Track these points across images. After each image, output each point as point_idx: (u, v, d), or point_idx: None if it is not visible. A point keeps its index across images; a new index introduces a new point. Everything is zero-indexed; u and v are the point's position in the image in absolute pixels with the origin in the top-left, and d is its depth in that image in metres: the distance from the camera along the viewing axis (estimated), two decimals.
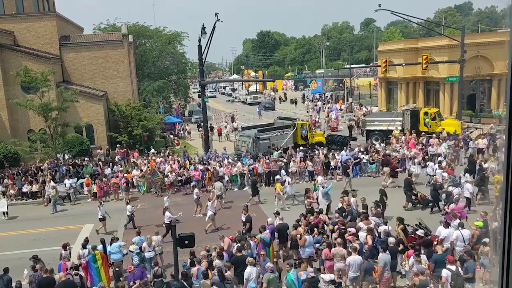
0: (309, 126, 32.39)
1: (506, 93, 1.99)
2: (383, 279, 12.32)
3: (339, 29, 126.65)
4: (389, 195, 19.15)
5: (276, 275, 12.23)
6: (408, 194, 20.22)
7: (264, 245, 14.40)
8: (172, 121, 43.97)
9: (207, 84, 44.91)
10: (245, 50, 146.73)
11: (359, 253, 12.90)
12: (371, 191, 21.17)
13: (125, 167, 28.38)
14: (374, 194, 19.47)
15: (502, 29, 49.34)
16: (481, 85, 41.88)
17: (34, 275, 12.93)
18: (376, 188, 20.22)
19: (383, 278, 12.31)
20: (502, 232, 2.07)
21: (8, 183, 25.66)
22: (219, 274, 12.08)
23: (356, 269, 12.58)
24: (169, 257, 14.07)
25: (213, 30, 30.74)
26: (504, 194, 2.05)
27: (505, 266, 2.07)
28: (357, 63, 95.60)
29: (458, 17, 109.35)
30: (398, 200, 20.15)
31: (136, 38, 45.22)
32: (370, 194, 19.42)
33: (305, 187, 20.54)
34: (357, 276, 12.62)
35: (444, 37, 42.26)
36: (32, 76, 26.53)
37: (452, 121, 33.53)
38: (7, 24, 33.63)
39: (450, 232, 14.10)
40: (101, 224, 19.63)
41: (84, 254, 14.37)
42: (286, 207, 20.85)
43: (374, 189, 21.65)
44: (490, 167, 21.23)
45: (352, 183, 24.02)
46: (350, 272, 12.69)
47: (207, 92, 43.15)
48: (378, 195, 18.68)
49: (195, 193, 21.36)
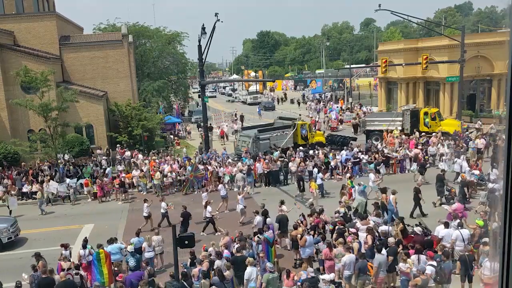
0: (309, 126, 32.40)
1: (506, 93, 1.99)
2: (378, 280, 12.36)
3: (339, 29, 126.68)
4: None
5: (276, 275, 12.24)
6: (440, 190, 20.09)
7: (267, 244, 14.41)
8: (172, 121, 43.98)
9: (207, 84, 44.89)
10: (245, 50, 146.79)
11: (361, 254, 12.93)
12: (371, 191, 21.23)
13: (126, 167, 28.40)
14: (374, 194, 19.52)
15: (502, 29, 49.34)
16: (481, 85, 41.89)
17: (34, 275, 12.93)
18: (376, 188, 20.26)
19: (378, 279, 12.35)
20: (502, 232, 2.07)
21: (8, 183, 25.65)
22: (219, 274, 12.08)
23: (351, 267, 12.64)
24: (169, 257, 14.07)
25: (213, 30, 30.75)
26: (504, 194, 2.05)
27: (505, 266, 2.07)
28: (357, 63, 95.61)
29: (458, 17, 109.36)
30: (427, 197, 19.70)
31: (136, 38, 45.24)
32: (369, 194, 19.46)
33: (342, 183, 20.37)
34: (351, 274, 12.68)
35: (444, 37, 42.27)
36: (32, 76, 26.53)
37: (452, 121, 33.53)
38: (7, 24, 33.64)
39: (449, 232, 14.10)
40: (145, 222, 19.32)
41: (85, 254, 14.36)
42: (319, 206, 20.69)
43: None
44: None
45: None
46: (345, 271, 12.74)
47: (207, 92, 43.13)
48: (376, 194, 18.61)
49: (223, 189, 21.57)
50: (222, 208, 21.36)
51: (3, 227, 18.68)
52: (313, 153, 27.42)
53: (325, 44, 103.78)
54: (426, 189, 20.46)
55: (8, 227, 18.81)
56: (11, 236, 18.80)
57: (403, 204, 19.96)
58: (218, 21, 30.44)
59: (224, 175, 25.46)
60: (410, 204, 20.47)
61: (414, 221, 15.85)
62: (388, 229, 14.54)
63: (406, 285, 12.06)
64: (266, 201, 22.27)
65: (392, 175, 25.72)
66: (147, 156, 30.18)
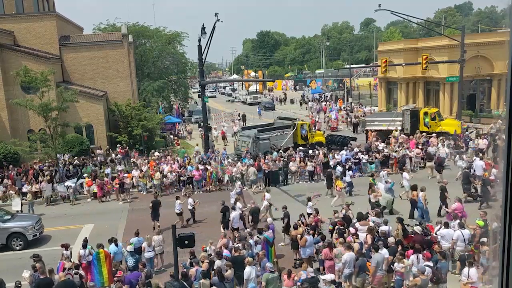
0: (309, 126, 32.39)
1: (506, 93, 1.99)
2: (376, 278, 12.39)
3: (339, 29, 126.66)
4: (433, 191, 18.81)
5: (275, 275, 12.23)
6: (465, 187, 20.04)
7: (267, 244, 14.41)
8: (172, 121, 43.97)
9: (207, 84, 44.87)
10: (245, 50, 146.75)
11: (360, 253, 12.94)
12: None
13: (125, 167, 28.39)
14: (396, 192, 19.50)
15: (502, 29, 49.35)
16: (481, 85, 41.90)
17: (35, 275, 12.93)
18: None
19: (376, 278, 12.38)
20: (502, 232, 2.07)
21: (8, 183, 25.64)
22: (219, 274, 12.08)
23: (352, 266, 12.67)
24: (169, 257, 14.07)
25: (213, 30, 30.74)
26: (504, 194, 2.05)
27: (505, 266, 2.07)
28: (357, 63, 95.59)
29: (458, 17, 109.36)
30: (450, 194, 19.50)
31: (136, 38, 45.21)
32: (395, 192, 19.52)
33: (369, 182, 20.50)
34: (352, 273, 12.71)
35: (444, 37, 42.27)
36: (32, 76, 26.51)
37: (452, 121, 33.52)
38: (7, 24, 33.64)
39: (450, 232, 14.10)
40: (178, 219, 19.27)
41: (85, 254, 14.37)
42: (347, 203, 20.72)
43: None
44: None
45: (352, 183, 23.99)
46: (345, 269, 12.76)
47: (207, 92, 43.09)
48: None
49: (238, 186, 21.77)
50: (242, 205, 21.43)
51: (28, 225, 18.82)
52: (313, 153, 27.41)
53: (325, 44, 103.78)
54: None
55: (33, 224, 18.96)
56: (36, 233, 18.95)
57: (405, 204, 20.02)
58: (218, 21, 30.44)
59: (224, 175, 25.45)
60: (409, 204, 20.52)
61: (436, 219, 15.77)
62: (388, 229, 14.55)
63: (400, 285, 12.10)
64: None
65: (392, 175, 25.67)
66: (147, 156, 30.19)
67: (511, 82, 1.96)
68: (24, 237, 18.53)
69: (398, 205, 19.58)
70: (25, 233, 18.55)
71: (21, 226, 18.67)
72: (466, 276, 11.58)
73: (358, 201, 20.02)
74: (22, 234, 18.55)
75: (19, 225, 18.72)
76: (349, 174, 23.09)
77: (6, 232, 18.49)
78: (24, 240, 18.53)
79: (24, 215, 20.82)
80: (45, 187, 24.70)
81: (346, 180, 22.47)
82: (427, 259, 12.16)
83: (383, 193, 19.03)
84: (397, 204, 19.64)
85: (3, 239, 18.45)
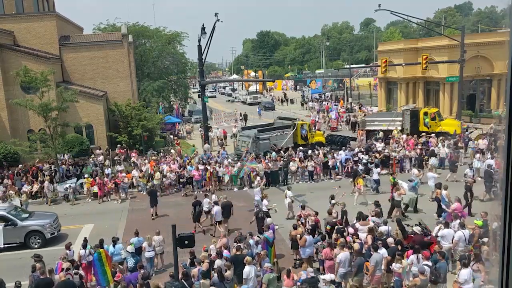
0: (309, 126, 32.40)
1: (506, 93, 1.99)
2: (375, 278, 12.41)
3: (339, 29, 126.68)
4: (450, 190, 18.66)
5: (275, 276, 12.23)
6: (487, 185, 19.99)
7: (267, 244, 14.41)
8: (172, 121, 43.97)
9: (207, 84, 44.91)
10: (245, 50, 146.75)
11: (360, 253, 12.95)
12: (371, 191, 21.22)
13: (125, 167, 28.38)
14: (374, 194, 19.52)
15: (502, 29, 49.34)
16: (481, 85, 41.89)
17: (34, 275, 12.93)
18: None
19: (374, 277, 12.40)
20: (502, 232, 2.07)
21: (8, 183, 25.64)
22: (219, 274, 12.08)
23: (346, 265, 12.72)
24: (169, 257, 14.07)
25: (213, 30, 30.76)
26: (504, 194, 2.05)
27: (505, 266, 2.07)
28: (357, 63, 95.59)
29: (458, 17, 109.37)
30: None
31: (136, 38, 45.21)
32: (370, 194, 19.48)
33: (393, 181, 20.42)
34: (347, 272, 12.75)
35: (444, 37, 42.27)
36: (32, 76, 26.50)
37: (452, 121, 33.53)
38: (7, 24, 33.62)
39: (450, 232, 14.10)
40: (205, 217, 19.25)
41: (85, 254, 14.38)
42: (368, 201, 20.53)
43: None
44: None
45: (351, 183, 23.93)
46: (340, 268, 12.79)
47: (207, 92, 43.13)
48: (376, 194, 18.61)
49: (258, 182, 22.33)
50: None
51: (47, 223, 18.90)
52: (312, 153, 27.41)
53: (325, 44, 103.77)
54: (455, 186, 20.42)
55: (51, 222, 19.04)
56: (53, 231, 19.04)
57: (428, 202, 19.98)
58: (218, 21, 30.46)
59: (224, 175, 25.46)
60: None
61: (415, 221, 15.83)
62: (388, 229, 14.55)
63: (399, 285, 12.10)
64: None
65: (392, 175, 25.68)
66: (146, 156, 30.17)
67: (511, 82, 1.96)
68: (42, 235, 18.62)
69: (422, 203, 19.49)
70: (43, 231, 18.64)
71: (40, 224, 18.77)
72: (458, 276, 11.56)
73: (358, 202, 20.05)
74: (40, 233, 18.64)
75: (38, 223, 18.82)
76: (376, 171, 22.90)
77: (25, 231, 18.56)
78: (42, 238, 18.59)
79: (42, 213, 20.93)
80: (49, 187, 24.69)
81: (374, 178, 22.41)
82: (426, 259, 12.17)
83: (407, 191, 19.09)
84: (421, 202, 19.57)
85: (21, 238, 18.51)
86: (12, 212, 19.16)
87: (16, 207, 20.79)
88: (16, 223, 18.53)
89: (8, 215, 18.74)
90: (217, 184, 25.56)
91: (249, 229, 16.13)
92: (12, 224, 18.46)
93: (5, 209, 19.39)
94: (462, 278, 11.31)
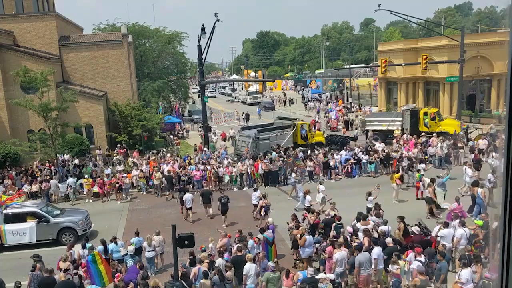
0: (309, 126, 32.40)
1: (506, 93, 1.99)
2: (360, 278, 12.44)
3: (338, 29, 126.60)
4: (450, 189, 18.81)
5: (277, 275, 12.21)
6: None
7: (267, 244, 14.40)
8: (172, 121, 43.97)
9: (206, 84, 44.91)
10: (244, 50, 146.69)
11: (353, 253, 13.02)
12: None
13: (125, 167, 28.38)
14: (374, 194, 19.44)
15: (502, 29, 49.34)
16: (481, 85, 41.90)
17: (34, 275, 12.94)
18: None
19: (360, 277, 12.43)
20: (502, 232, 2.07)
21: (8, 183, 25.62)
22: (219, 274, 12.07)
23: (343, 264, 12.79)
24: (169, 257, 14.07)
25: (213, 30, 30.76)
26: (504, 193, 2.05)
27: (505, 265, 2.07)
28: (356, 63, 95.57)
29: (458, 17, 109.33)
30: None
31: (136, 38, 45.22)
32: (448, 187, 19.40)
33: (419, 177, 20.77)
34: (343, 271, 12.80)
35: (444, 37, 42.28)
36: (31, 76, 26.51)
37: (452, 121, 33.52)
38: (7, 24, 33.64)
39: (450, 232, 14.10)
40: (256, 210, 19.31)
41: (84, 254, 14.42)
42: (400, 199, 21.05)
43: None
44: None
45: (352, 183, 23.98)
46: (337, 268, 12.85)
47: (206, 92, 43.09)
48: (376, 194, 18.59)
49: (294, 178, 23.03)
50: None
51: (79, 219, 18.99)
52: (312, 153, 27.40)
53: (324, 44, 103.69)
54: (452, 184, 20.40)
55: (82, 219, 19.13)
56: (85, 228, 19.14)
57: (402, 204, 20.06)
58: (218, 21, 30.45)
59: (224, 175, 25.44)
60: (408, 203, 20.52)
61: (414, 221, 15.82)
62: (388, 229, 14.55)
63: (398, 286, 12.09)
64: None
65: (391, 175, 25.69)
66: (145, 156, 30.14)
67: (511, 82, 1.96)
68: (74, 232, 18.69)
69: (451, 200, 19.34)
70: (76, 228, 18.73)
71: (72, 221, 18.89)
72: (459, 276, 11.57)
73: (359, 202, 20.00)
74: (72, 229, 18.72)
75: (70, 220, 18.95)
76: (421, 166, 22.89)
77: (58, 227, 18.68)
78: (74, 235, 18.65)
79: (73, 210, 21.06)
80: (53, 185, 24.71)
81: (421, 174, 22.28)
82: (418, 254, 12.21)
83: (436, 188, 19.12)
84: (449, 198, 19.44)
85: (54, 234, 18.61)
86: (44, 209, 19.25)
87: (47, 204, 20.97)
88: (48, 219, 18.65)
89: (40, 211, 18.83)
90: (217, 184, 25.54)
91: (249, 229, 16.14)
92: (45, 221, 18.57)
93: (37, 205, 19.51)
94: (464, 278, 11.31)
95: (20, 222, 18.41)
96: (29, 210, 18.96)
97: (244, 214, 20.54)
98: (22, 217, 18.57)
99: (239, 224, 19.15)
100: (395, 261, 12.21)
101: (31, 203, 20.78)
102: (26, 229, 18.27)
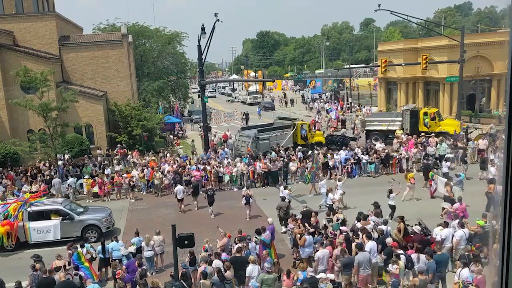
0: (308, 126, 32.39)
1: (506, 93, 1.99)
2: (360, 277, 12.43)
3: (338, 29, 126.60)
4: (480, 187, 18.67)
5: (272, 276, 12.15)
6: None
7: (264, 247, 14.36)
8: (172, 121, 43.97)
9: (206, 84, 44.86)
10: (244, 50, 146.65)
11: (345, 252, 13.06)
12: (371, 191, 21.20)
13: (124, 167, 28.39)
14: (374, 194, 19.46)
15: (502, 29, 49.34)
16: (481, 85, 41.90)
17: (34, 275, 12.93)
18: (376, 188, 20.11)
19: (359, 277, 12.42)
20: (502, 232, 2.07)
21: (8, 183, 25.61)
22: (219, 274, 12.07)
23: (325, 262, 12.97)
24: (169, 257, 14.07)
25: (213, 30, 30.73)
26: (504, 194, 2.05)
27: (505, 265, 2.07)
28: (356, 63, 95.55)
29: (458, 17, 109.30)
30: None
31: (136, 38, 45.22)
32: (370, 194, 19.44)
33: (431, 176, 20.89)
34: (324, 270, 12.87)
35: (443, 37, 42.28)
36: (31, 76, 26.48)
37: (452, 121, 33.51)
38: (6, 24, 33.62)
39: (450, 232, 14.09)
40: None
41: (84, 253, 14.46)
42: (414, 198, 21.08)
43: (374, 189, 21.70)
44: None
45: (352, 183, 23.95)
46: (319, 266, 12.98)
47: (206, 92, 43.04)
48: (376, 194, 18.55)
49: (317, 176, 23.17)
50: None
51: (103, 217, 19.09)
52: (312, 153, 27.38)
53: (324, 44, 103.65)
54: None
55: (106, 216, 19.23)
56: (109, 225, 19.26)
57: (400, 203, 20.03)
58: (217, 21, 30.43)
59: (224, 175, 25.45)
60: (408, 203, 20.52)
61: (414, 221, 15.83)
62: (387, 229, 14.55)
63: (397, 286, 12.09)
64: (266, 201, 22.38)
65: (391, 175, 25.69)
66: (145, 156, 30.13)
67: (511, 82, 1.96)
68: (98, 229, 18.78)
69: (467, 198, 19.29)
70: (100, 225, 18.82)
71: (96, 218, 18.98)
72: (458, 276, 11.57)
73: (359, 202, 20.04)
74: (97, 227, 18.81)
75: (94, 217, 19.04)
76: (446, 165, 22.77)
77: (82, 225, 18.75)
78: (98, 232, 18.71)
79: (95, 207, 21.12)
80: (57, 184, 24.73)
81: (443, 171, 22.33)
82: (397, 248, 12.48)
83: (454, 186, 19.13)
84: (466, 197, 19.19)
85: (78, 232, 18.66)
86: (68, 207, 19.31)
87: (70, 201, 21.03)
88: (73, 217, 18.72)
89: (64, 209, 18.91)
90: (217, 184, 25.54)
91: (249, 230, 16.12)
92: (69, 218, 18.64)
93: (61, 203, 19.58)
94: (463, 278, 11.31)
95: (44, 219, 18.47)
96: (53, 207, 19.02)
97: (244, 214, 20.52)
98: (47, 214, 18.64)
99: (239, 224, 19.13)
100: (395, 261, 12.21)
101: (55, 200, 20.87)
102: (51, 226, 18.34)
